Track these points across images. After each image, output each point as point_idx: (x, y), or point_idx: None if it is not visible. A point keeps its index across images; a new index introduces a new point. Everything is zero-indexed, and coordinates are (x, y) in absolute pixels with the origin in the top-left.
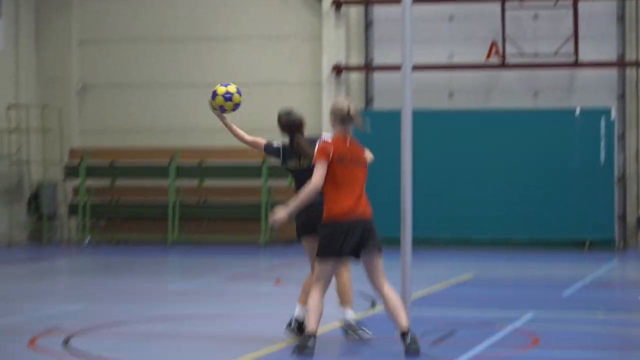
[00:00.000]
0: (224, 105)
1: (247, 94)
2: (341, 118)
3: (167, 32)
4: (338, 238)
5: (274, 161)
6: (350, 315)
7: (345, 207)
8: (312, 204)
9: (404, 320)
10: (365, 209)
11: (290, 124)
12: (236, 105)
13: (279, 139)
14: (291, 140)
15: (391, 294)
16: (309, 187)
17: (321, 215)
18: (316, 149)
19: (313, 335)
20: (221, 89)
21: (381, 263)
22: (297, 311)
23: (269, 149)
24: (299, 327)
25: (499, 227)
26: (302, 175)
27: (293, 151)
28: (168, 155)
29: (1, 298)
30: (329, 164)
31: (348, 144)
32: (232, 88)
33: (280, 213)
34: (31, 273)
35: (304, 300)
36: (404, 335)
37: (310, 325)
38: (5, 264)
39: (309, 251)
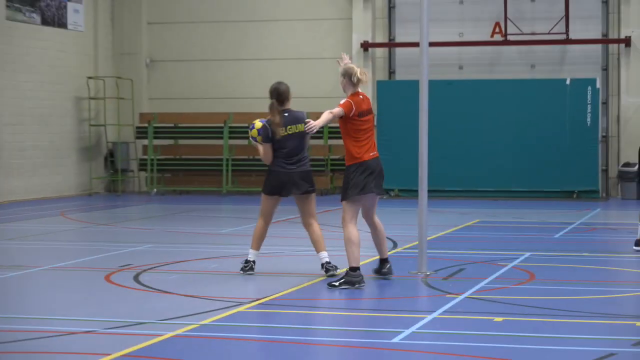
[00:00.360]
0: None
1: (288, 67)
2: (352, 79)
3: (221, 15)
4: (368, 177)
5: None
6: (326, 256)
7: (369, 149)
8: (298, 165)
9: (386, 249)
10: (376, 149)
11: (271, 93)
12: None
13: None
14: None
15: (381, 225)
16: (334, 113)
17: (305, 175)
18: (342, 103)
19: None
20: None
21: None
22: (251, 255)
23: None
24: (250, 267)
25: (500, 179)
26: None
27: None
28: (222, 118)
29: (82, 240)
30: (351, 118)
31: (362, 97)
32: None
33: (316, 122)
34: (107, 218)
35: (257, 246)
36: (384, 260)
37: (354, 260)
38: (86, 210)
39: (271, 207)
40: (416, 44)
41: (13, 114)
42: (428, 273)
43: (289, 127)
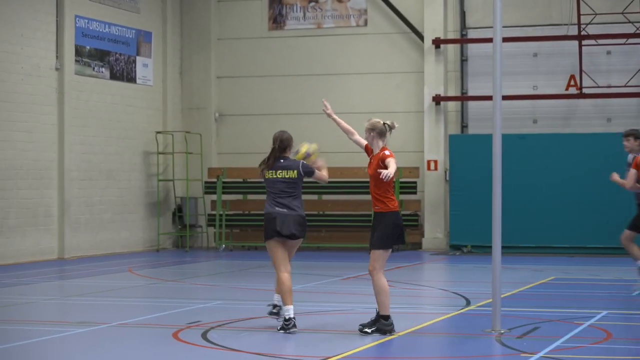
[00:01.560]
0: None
1: (359, 121)
2: (381, 132)
3: (291, 69)
4: (399, 228)
5: None
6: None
7: (396, 201)
8: (289, 209)
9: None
10: None
11: (274, 140)
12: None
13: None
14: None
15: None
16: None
17: (299, 220)
18: (388, 154)
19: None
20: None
21: None
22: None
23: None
24: (293, 324)
25: (575, 235)
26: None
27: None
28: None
29: (149, 296)
30: None
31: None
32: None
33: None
34: (175, 275)
35: (291, 301)
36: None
37: (386, 308)
38: (154, 266)
39: (278, 252)
40: (489, 97)
41: (81, 169)
42: (502, 331)
43: (279, 171)
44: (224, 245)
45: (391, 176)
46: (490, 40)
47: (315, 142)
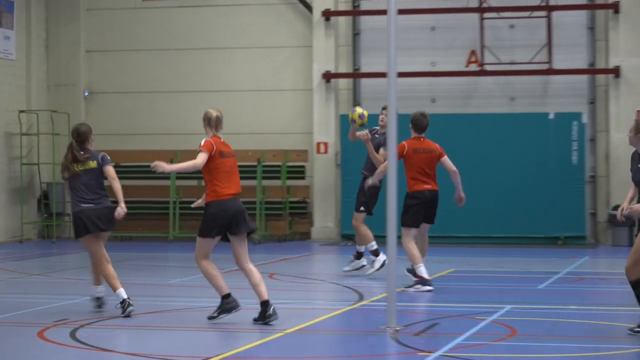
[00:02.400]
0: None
1: (243, 100)
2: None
3: (168, 43)
4: (220, 217)
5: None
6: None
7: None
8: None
9: (265, 292)
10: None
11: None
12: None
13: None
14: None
15: (255, 269)
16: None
17: (104, 211)
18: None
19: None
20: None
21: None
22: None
23: None
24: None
25: (477, 224)
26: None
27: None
28: (169, 156)
29: (12, 292)
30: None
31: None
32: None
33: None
34: (41, 268)
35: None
36: (265, 303)
37: (222, 289)
38: (17, 259)
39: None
40: (383, 75)
41: None
42: (398, 328)
43: (81, 164)
44: None
45: (166, 169)
46: (384, 12)
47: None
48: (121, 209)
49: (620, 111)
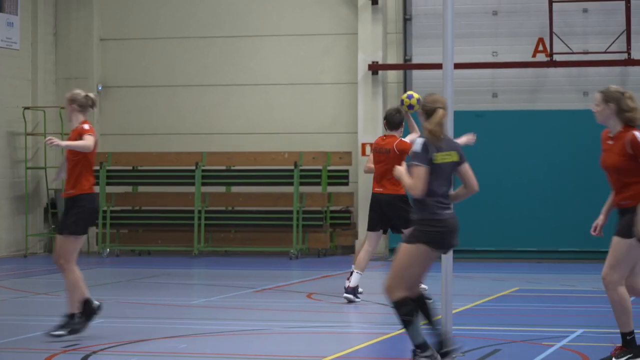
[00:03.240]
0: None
1: (277, 95)
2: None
3: (192, 30)
4: (94, 212)
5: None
6: None
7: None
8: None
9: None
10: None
11: None
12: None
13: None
14: None
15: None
16: None
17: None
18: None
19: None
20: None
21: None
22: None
23: None
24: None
25: (545, 237)
26: None
27: None
28: (193, 159)
29: (16, 313)
30: None
31: None
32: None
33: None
34: (47, 286)
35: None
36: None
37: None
38: (21, 276)
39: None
40: (438, 66)
41: None
42: (454, 356)
43: None
44: (108, 250)
45: (61, 144)
46: None
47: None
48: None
49: None
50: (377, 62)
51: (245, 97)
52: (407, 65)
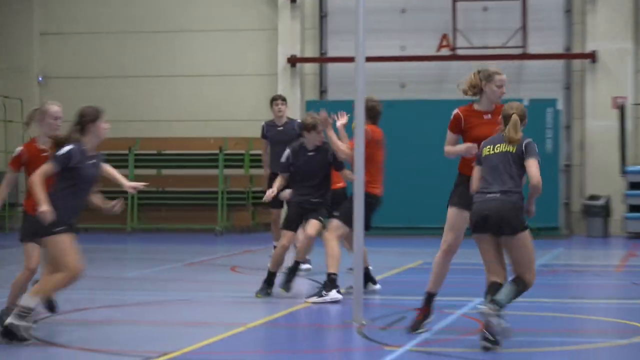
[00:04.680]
0: None
1: (205, 85)
2: None
3: (127, 25)
4: None
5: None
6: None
7: None
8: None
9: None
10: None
11: None
12: None
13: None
14: None
15: None
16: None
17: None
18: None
19: None
20: None
21: None
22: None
23: None
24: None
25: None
26: None
27: None
28: (128, 144)
29: None
30: None
31: None
32: None
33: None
34: None
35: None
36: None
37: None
38: None
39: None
40: (351, 59)
41: None
42: (364, 322)
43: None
44: None
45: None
46: None
47: None
48: None
49: (597, 97)
50: (295, 56)
51: (175, 87)
52: (323, 59)
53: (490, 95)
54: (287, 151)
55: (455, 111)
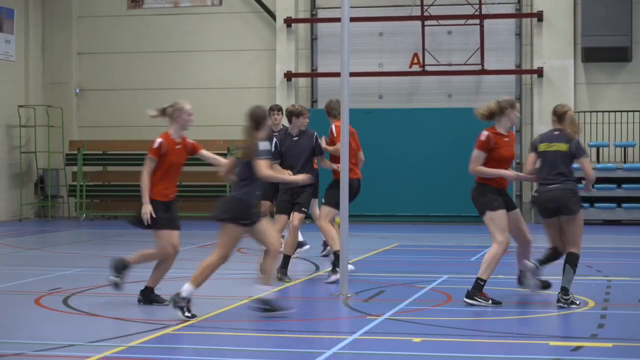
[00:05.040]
0: None
1: (214, 97)
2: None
3: (148, 46)
4: None
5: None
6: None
7: None
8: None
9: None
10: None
11: None
12: None
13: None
14: None
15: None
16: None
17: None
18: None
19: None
20: None
21: None
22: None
23: None
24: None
25: (419, 205)
26: None
27: None
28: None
29: (12, 264)
30: None
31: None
32: None
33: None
34: (37, 243)
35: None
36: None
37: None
38: (16, 235)
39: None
40: (337, 74)
41: None
42: (349, 295)
43: None
44: (84, 215)
45: None
46: (338, 20)
47: None
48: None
49: (543, 106)
50: (291, 72)
51: (189, 98)
52: (314, 74)
53: (513, 119)
54: (274, 140)
55: (486, 133)
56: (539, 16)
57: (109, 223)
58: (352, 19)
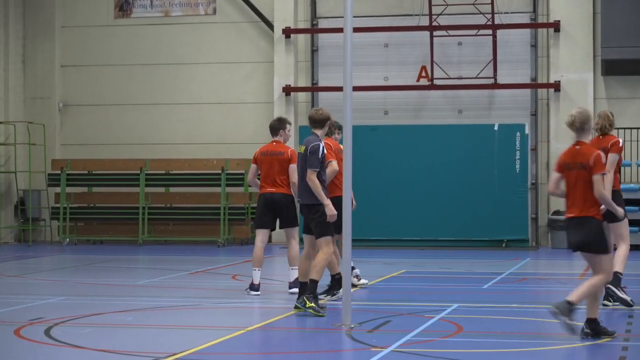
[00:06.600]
0: None
1: (208, 112)
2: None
3: (137, 58)
4: None
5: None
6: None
7: None
8: None
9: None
10: None
11: None
12: None
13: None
14: None
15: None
16: None
17: None
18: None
19: None
20: None
21: None
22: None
23: None
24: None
25: (427, 228)
26: None
27: None
28: (138, 165)
29: None
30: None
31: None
32: None
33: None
34: (17, 270)
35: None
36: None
37: None
38: None
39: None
40: (339, 88)
41: None
42: (352, 325)
43: None
44: (67, 239)
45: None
46: (340, 30)
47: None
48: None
49: (560, 123)
50: (289, 86)
51: (182, 114)
52: (314, 88)
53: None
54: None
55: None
56: (556, 26)
57: (94, 248)
58: (356, 29)
